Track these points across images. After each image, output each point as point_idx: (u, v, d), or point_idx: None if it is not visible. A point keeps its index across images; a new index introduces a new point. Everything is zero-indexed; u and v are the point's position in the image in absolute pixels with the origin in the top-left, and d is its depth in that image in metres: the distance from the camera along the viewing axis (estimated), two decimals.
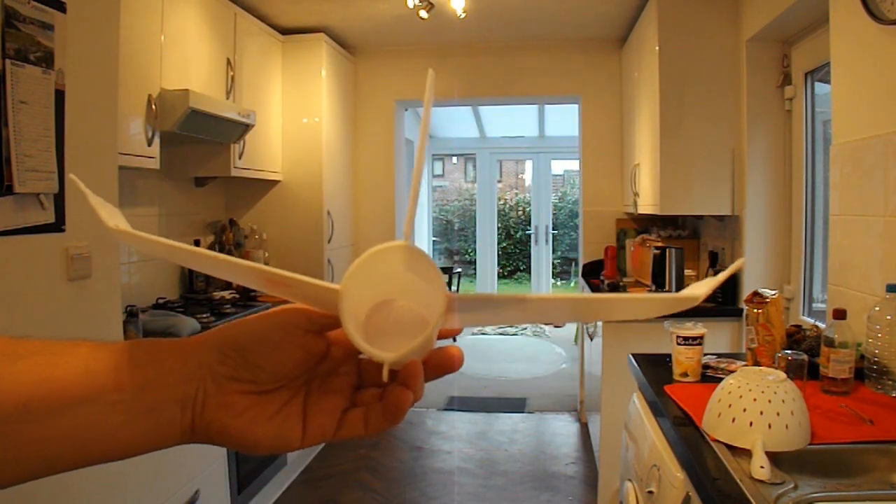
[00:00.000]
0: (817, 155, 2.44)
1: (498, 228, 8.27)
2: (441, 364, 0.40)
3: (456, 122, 7.58)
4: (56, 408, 0.35)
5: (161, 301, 2.76)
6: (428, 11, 2.88)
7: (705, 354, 1.63)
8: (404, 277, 0.35)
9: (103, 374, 0.37)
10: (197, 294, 2.97)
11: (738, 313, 2.68)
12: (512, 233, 9.58)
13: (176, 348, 0.39)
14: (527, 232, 8.61)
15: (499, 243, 8.47)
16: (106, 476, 1.65)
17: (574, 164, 7.05)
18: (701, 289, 0.36)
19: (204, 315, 2.53)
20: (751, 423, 1.11)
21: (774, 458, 1.07)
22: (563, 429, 3.81)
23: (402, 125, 4.38)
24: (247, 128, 2.89)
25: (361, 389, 0.42)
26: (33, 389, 0.35)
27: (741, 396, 1.14)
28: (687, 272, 3.15)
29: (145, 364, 0.38)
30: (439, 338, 0.39)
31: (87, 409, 0.36)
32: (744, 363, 1.65)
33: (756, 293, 1.64)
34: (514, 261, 9.64)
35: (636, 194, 3.37)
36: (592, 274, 3.87)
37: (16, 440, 0.35)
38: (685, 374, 1.57)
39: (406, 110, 4.48)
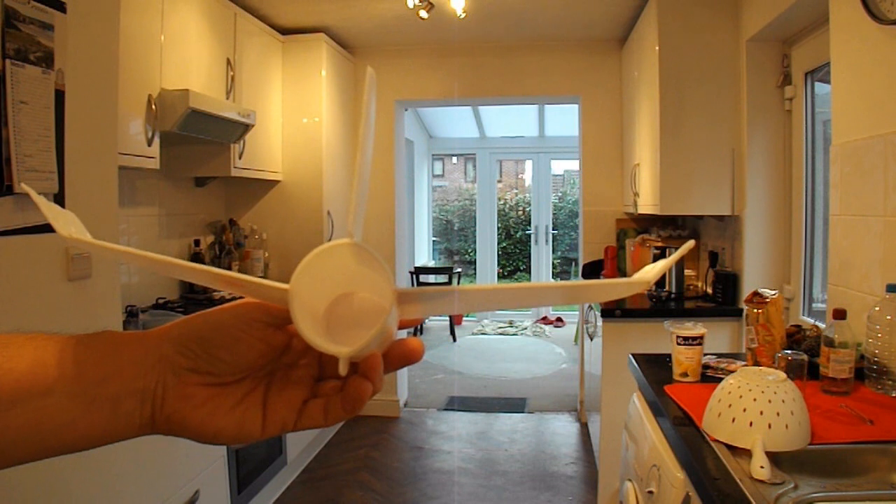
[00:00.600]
0: (817, 155, 2.44)
1: (498, 228, 8.27)
2: (402, 355, 0.40)
3: (456, 122, 7.58)
4: (13, 399, 0.36)
5: (161, 301, 2.76)
6: (428, 11, 2.88)
7: (705, 354, 1.63)
8: (355, 272, 0.36)
9: (62, 366, 0.37)
10: (197, 294, 2.97)
11: (738, 313, 2.68)
12: (512, 233, 9.57)
13: (135, 340, 0.39)
14: (527, 232, 8.61)
15: (499, 243, 8.47)
16: (105, 476, 1.65)
17: (574, 164, 7.05)
18: (650, 273, 0.37)
19: None
20: (751, 423, 1.11)
21: (774, 458, 1.07)
22: (563, 429, 3.81)
23: (402, 125, 4.38)
24: (247, 128, 2.89)
25: (322, 381, 0.42)
26: None
27: (741, 396, 1.14)
28: (687, 272, 3.15)
29: (104, 356, 0.38)
30: (401, 327, 0.39)
31: (44, 401, 0.36)
32: (744, 363, 1.65)
33: (756, 293, 1.64)
34: (514, 261, 9.63)
35: (636, 194, 3.37)
36: (592, 274, 3.87)
37: None
38: (685, 374, 1.57)
39: (406, 110, 4.48)
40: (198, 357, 0.38)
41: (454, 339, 6.21)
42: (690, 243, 0.44)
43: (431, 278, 6.38)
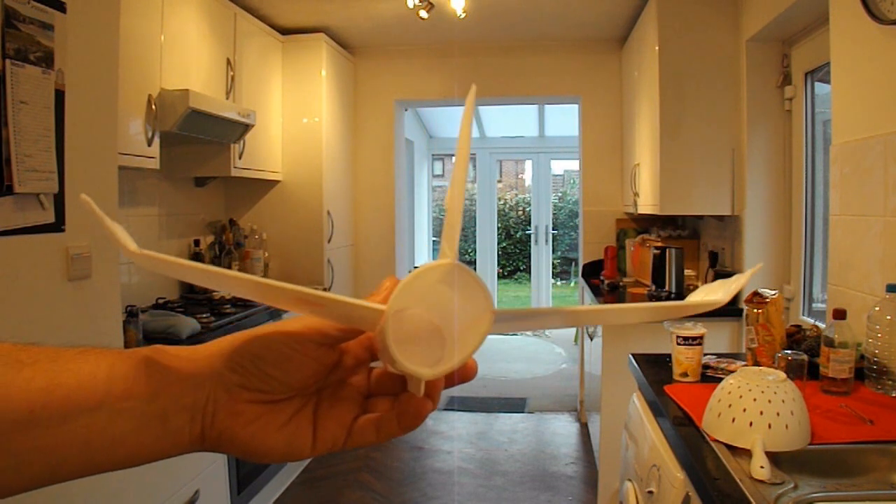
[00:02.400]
0: (817, 155, 2.44)
1: (498, 228, 8.27)
2: (459, 375, 0.40)
3: (456, 122, 7.53)
4: (63, 414, 0.35)
5: (161, 301, 2.76)
6: (428, 11, 2.88)
7: (705, 354, 1.63)
8: (452, 294, 0.35)
9: (112, 382, 0.36)
10: (197, 294, 2.97)
11: (738, 313, 2.68)
12: (512, 233, 9.57)
13: (187, 356, 0.39)
14: (527, 232, 8.61)
15: (499, 243, 8.47)
16: (106, 476, 1.64)
17: (574, 164, 7.05)
18: (717, 294, 0.38)
19: (204, 315, 2.52)
20: (751, 423, 1.11)
21: (774, 458, 1.07)
22: (563, 429, 3.81)
23: (402, 125, 4.38)
24: (247, 128, 2.89)
25: (371, 398, 0.42)
26: (40, 396, 0.35)
27: (741, 396, 1.14)
28: (687, 272, 3.15)
29: (156, 372, 0.37)
30: None
31: (94, 417, 0.36)
32: (744, 363, 1.65)
33: (756, 293, 1.64)
34: (514, 261, 9.64)
35: (636, 194, 3.37)
36: (592, 274, 3.87)
37: (22, 447, 0.34)
38: (685, 374, 1.57)
39: (406, 110, 4.48)
40: (249, 374, 0.38)
41: None
42: (758, 266, 0.47)
43: None
